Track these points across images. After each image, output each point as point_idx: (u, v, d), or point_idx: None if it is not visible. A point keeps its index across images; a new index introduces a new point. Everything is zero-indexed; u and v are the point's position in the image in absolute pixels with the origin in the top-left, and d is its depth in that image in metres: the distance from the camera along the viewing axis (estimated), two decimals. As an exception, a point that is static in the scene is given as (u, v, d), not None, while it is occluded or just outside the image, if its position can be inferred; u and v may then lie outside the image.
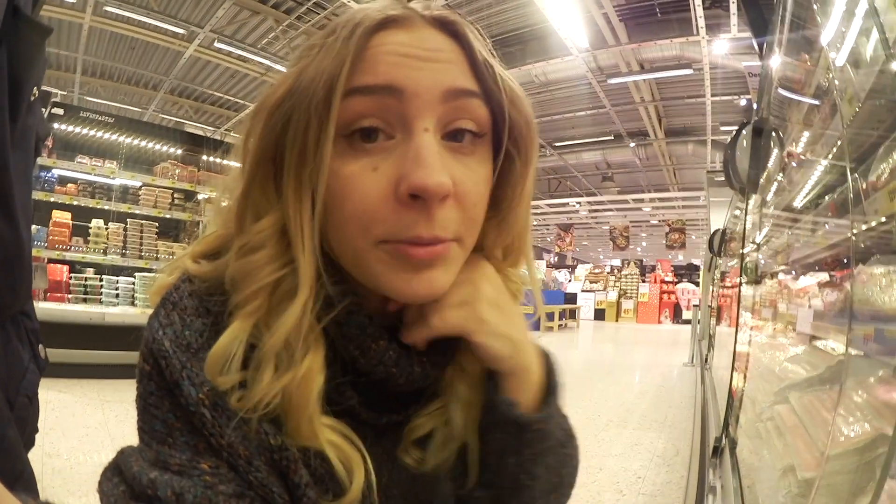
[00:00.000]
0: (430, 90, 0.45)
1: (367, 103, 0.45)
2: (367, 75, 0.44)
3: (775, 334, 2.41)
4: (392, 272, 0.46)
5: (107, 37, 10.52)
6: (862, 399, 1.15)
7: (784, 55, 2.00)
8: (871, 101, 1.16)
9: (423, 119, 0.45)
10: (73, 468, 2.81)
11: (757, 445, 1.94)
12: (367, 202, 0.45)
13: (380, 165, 0.45)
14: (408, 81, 0.44)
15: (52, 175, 5.36)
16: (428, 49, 0.46)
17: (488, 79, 0.49)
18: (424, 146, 0.44)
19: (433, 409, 0.55)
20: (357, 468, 0.47)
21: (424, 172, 0.43)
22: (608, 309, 21.73)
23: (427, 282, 0.47)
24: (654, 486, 3.25)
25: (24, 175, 0.86)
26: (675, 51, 9.68)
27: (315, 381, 0.46)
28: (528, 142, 0.52)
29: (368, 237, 0.46)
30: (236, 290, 0.47)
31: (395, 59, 0.45)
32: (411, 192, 0.43)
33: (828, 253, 1.75)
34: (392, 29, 0.46)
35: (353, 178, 0.45)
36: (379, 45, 0.45)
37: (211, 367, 0.44)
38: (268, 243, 0.47)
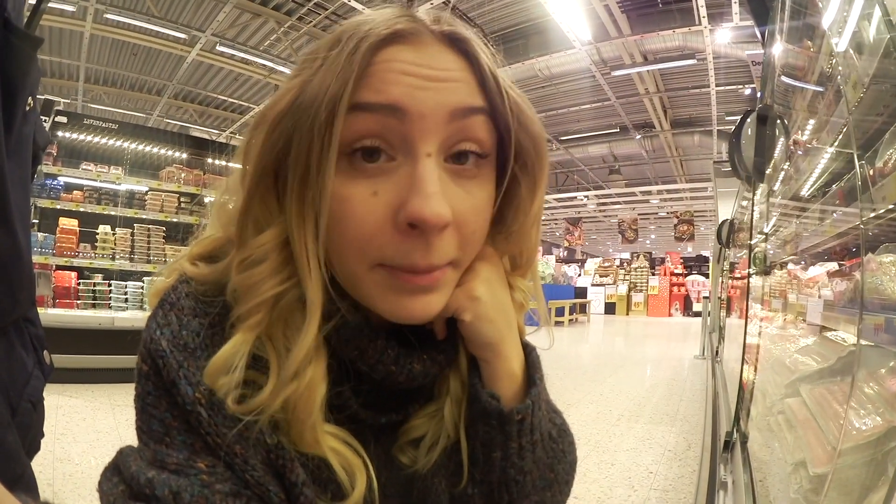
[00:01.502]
0: (435, 112, 0.44)
1: (369, 121, 0.44)
2: (371, 92, 0.44)
3: (785, 325, 2.39)
4: (387, 295, 0.47)
5: (108, 44, 10.62)
6: (873, 391, 1.13)
7: (786, 42, 1.97)
8: (876, 86, 1.14)
9: (426, 142, 0.44)
10: (83, 473, 2.83)
11: (768, 440, 1.92)
12: (365, 227, 0.44)
13: (379, 189, 0.44)
14: (412, 102, 0.44)
15: (57, 182, 5.38)
16: (435, 68, 0.45)
17: (496, 97, 0.48)
18: (426, 174, 0.44)
19: (431, 411, 0.55)
20: (359, 474, 0.48)
21: (423, 202, 0.43)
22: (618, 303, 21.69)
23: (422, 305, 0.47)
24: (666, 481, 3.23)
25: (20, 183, 0.87)
26: (678, 41, 9.65)
27: (318, 390, 0.46)
28: (535, 163, 0.52)
29: (365, 261, 0.45)
30: (238, 302, 0.47)
31: (400, 78, 0.44)
32: (410, 222, 0.43)
33: (836, 242, 1.73)
34: (399, 45, 0.45)
35: (352, 202, 0.44)
36: (384, 62, 0.44)
37: (211, 376, 0.44)
38: (269, 257, 0.47)
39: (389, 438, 0.55)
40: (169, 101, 13.38)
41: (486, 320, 0.51)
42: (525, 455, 0.52)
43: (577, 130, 15.04)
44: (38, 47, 0.84)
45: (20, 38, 0.79)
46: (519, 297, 0.57)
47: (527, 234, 0.55)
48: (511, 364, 0.53)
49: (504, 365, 0.53)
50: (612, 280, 22.63)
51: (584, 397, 5.52)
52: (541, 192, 0.53)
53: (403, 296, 0.46)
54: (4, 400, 0.83)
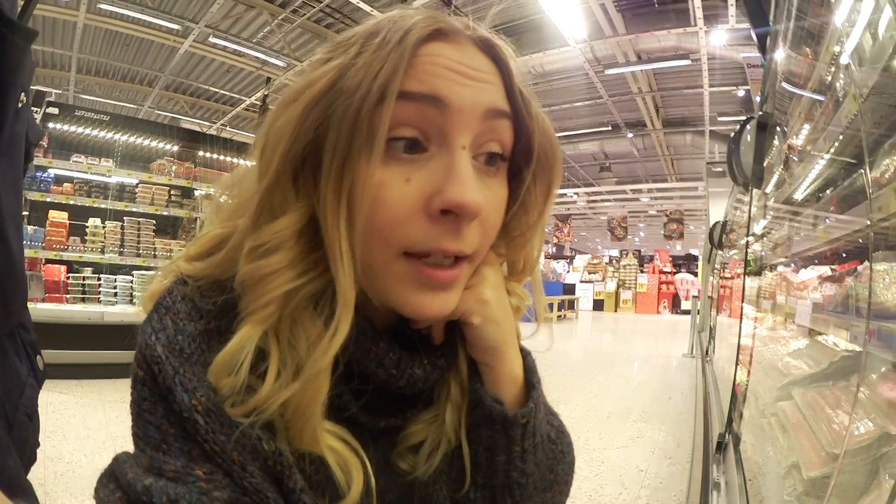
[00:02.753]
0: (472, 108, 0.46)
1: (410, 110, 0.45)
2: (415, 82, 0.45)
3: (778, 329, 2.41)
4: (408, 290, 0.47)
5: (101, 34, 10.49)
6: (866, 396, 1.15)
7: (788, 48, 1.98)
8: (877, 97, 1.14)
9: (461, 135, 0.46)
10: (75, 471, 2.80)
11: (761, 442, 1.94)
12: (396, 212, 0.45)
13: (412, 177, 0.45)
14: (453, 96, 0.45)
15: (48, 175, 5.31)
16: (473, 68, 0.47)
17: (520, 104, 0.50)
18: (463, 164, 0.45)
19: (429, 417, 0.56)
20: (356, 473, 0.47)
21: (463, 189, 0.44)
22: (607, 299, 21.79)
23: (441, 303, 0.48)
24: (656, 479, 3.26)
25: (12, 185, 0.84)
26: (673, 41, 9.65)
27: (323, 389, 0.45)
28: (552, 171, 0.54)
29: (391, 248, 0.46)
30: (247, 293, 0.46)
31: (443, 72, 0.45)
32: (446, 208, 0.44)
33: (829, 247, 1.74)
34: (441, 41, 0.47)
35: (385, 188, 0.44)
36: (428, 56, 0.46)
37: (217, 372, 0.44)
38: (284, 245, 0.46)
39: (388, 443, 0.55)
40: (161, 92, 13.24)
41: (494, 323, 0.52)
42: (527, 458, 0.53)
43: (570, 128, 15.04)
44: (32, 40, 0.81)
45: (13, 31, 0.75)
46: (515, 301, 0.58)
47: (530, 242, 0.56)
48: (513, 368, 0.55)
49: (507, 369, 0.54)
50: (601, 277, 22.71)
51: (574, 394, 5.55)
52: (550, 202, 0.55)
53: (424, 292, 0.47)
54: (1, 416, 0.81)
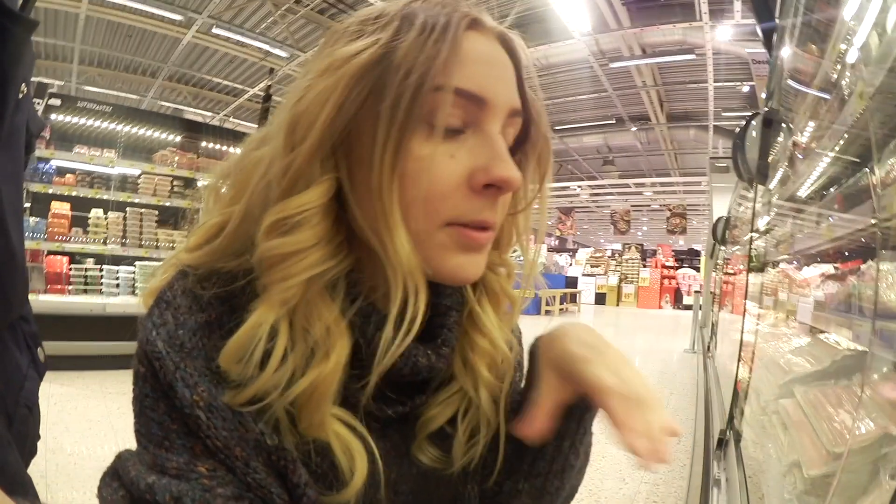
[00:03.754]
0: (504, 105, 0.49)
1: (456, 103, 0.46)
2: (463, 78, 0.46)
3: (781, 326, 2.40)
4: (449, 255, 0.48)
5: (103, 25, 10.46)
6: (868, 396, 1.14)
7: (795, 44, 1.97)
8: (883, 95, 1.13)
9: (495, 123, 0.48)
10: (77, 464, 2.81)
11: (762, 439, 1.94)
12: (442, 184, 0.46)
13: (456, 154, 0.47)
14: (491, 94, 0.47)
15: (50, 166, 5.30)
16: (501, 61, 0.50)
17: (528, 97, 0.52)
18: (502, 144, 0.48)
19: (446, 397, 0.55)
20: (359, 459, 0.47)
21: (507, 166, 0.47)
22: (609, 293, 21.78)
23: (475, 265, 0.50)
24: (656, 475, 3.26)
25: (13, 177, 0.84)
26: (678, 36, 9.62)
27: (338, 375, 0.46)
28: (546, 157, 0.56)
29: (436, 219, 0.47)
30: (266, 272, 0.45)
31: (484, 67, 0.48)
32: (491, 182, 0.46)
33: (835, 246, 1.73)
34: (476, 32, 0.49)
35: (431, 161, 0.46)
36: (471, 47, 0.47)
37: (231, 355, 0.43)
38: (311, 220, 0.45)
39: (398, 433, 0.55)
40: (163, 83, 13.23)
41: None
42: (585, 440, 0.57)
43: (573, 120, 15.00)
44: (32, 31, 0.79)
45: (14, 21, 0.74)
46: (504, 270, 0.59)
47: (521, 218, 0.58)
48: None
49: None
50: (603, 271, 22.72)
51: (576, 389, 5.54)
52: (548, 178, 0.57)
53: (461, 256, 0.49)
54: (1, 409, 0.81)
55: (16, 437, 0.83)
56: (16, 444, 0.83)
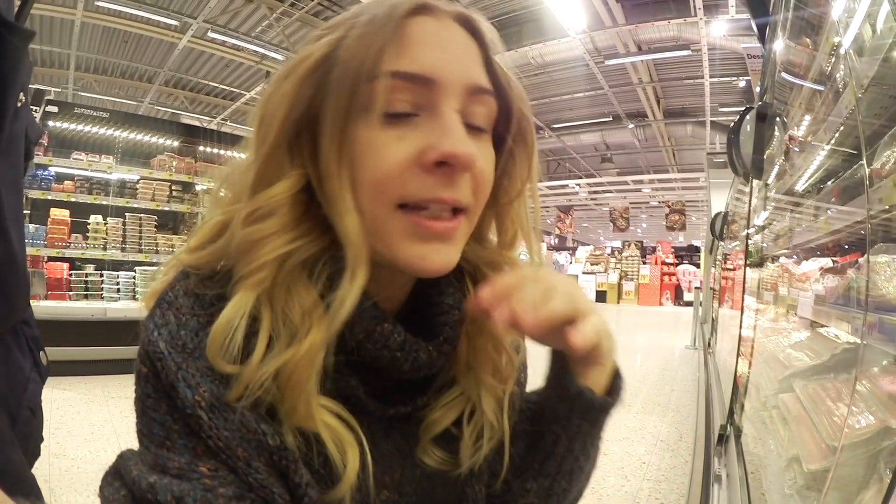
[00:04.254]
0: (458, 82, 0.48)
1: (403, 87, 0.46)
2: (407, 61, 0.46)
3: (780, 320, 2.40)
4: (409, 243, 0.48)
5: (99, 31, 10.46)
6: (867, 389, 1.15)
7: (786, 36, 1.97)
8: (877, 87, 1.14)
9: (449, 103, 0.48)
10: (79, 468, 2.81)
11: (762, 434, 1.94)
12: (389, 165, 0.46)
13: (405, 136, 0.47)
14: (441, 73, 0.47)
15: (48, 173, 5.30)
16: (455, 41, 0.49)
17: (499, 76, 0.52)
18: (454, 121, 0.47)
19: (449, 400, 0.55)
20: (350, 450, 0.47)
21: (455, 141, 0.46)
22: (609, 291, 21.70)
23: (442, 256, 0.49)
24: (658, 472, 3.26)
25: (13, 183, 0.85)
26: (673, 32, 9.62)
27: (316, 358, 0.45)
28: (530, 136, 0.56)
29: (387, 199, 0.47)
30: (241, 259, 0.47)
31: (431, 49, 0.47)
32: (440, 159, 0.46)
33: (830, 239, 1.74)
34: (425, 16, 0.48)
35: (378, 144, 0.46)
36: (416, 31, 0.47)
37: (213, 343, 0.44)
38: (280, 210, 0.47)
39: (402, 434, 0.55)
40: (160, 88, 13.22)
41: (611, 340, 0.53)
42: (596, 443, 0.57)
43: (570, 118, 14.99)
44: (29, 40, 0.81)
45: (10, 32, 0.75)
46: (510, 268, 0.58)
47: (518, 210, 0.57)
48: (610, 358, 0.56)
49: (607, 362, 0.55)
50: (603, 268, 22.63)
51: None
52: (534, 169, 0.56)
53: (424, 244, 0.48)
54: (4, 411, 0.81)
55: (19, 438, 0.84)
56: (19, 444, 0.84)
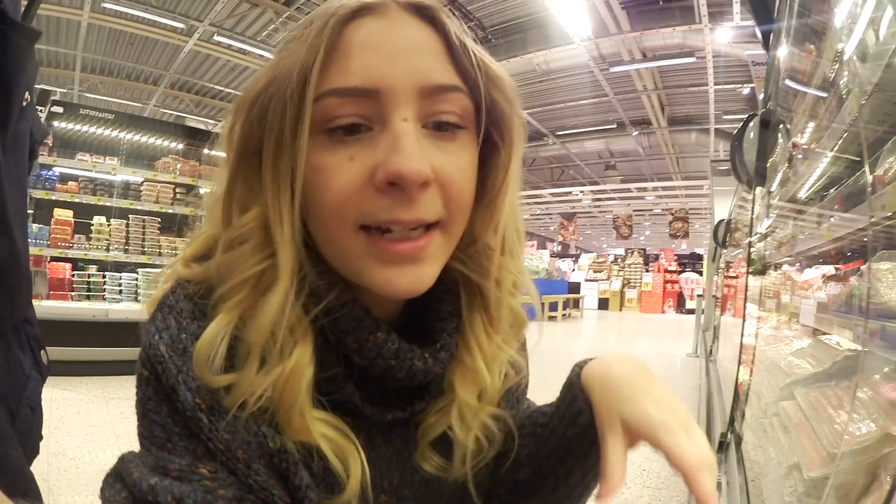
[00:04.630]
0: (406, 87, 0.45)
1: (344, 104, 0.44)
2: (342, 75, 0.44)
3: (782, 328, 2.39)
4: (373, 266, 0.46)
5: (105, 33, 10.52)
6: (868, 397, 1.14)
7: (791, 44, 1.97)
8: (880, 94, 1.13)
9: (400, 111, 0.45)
10: (78, 467, 2.81)
11: (762, 441, 1.93)
12: (342, 189, 0.44)
13: (356, 155, 0.45)
14: (382, 81, 0.44)
15: (52, 173, 5.31)
16: (403, 38, 0.45)
17: (467, 65, 0.48)
18: (402, 134, 0.44)
19: (444, 405, 0.55)
20: (353, 461, 0.47)
21: (401, 158, 0.43)
22: (612, 298, 21.69)
23: (410, 277, 0.47)
24: (658, 479, 3.24)
25: (17, 182, 0.85)
26: (678, 39, 9.63)
27: (304, 373, 0.45)
28: (510, 124, 0.52)
29: (345, 223, 0.45)
30: (221, 283, 0.47)
31: (368, 56, 0.44)
32: (388, 180, 0.43)
33: (833, 246, 1.73)
34: (367, 17, 0.45)
35: (330, 169, 0.45)
36: (351, 38, 0.45)
37: (198, 362, 0.44)
38: (252, 236, 0.47)
39: (400, 439, 0.55)
40: (165, 90, 13.28)
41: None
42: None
43: (574, 125, 15.01)
44: (35, 40, 0.81)
45: (16, 31, 0.76)
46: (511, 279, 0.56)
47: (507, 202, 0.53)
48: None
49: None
50: (606, 276, 22.62)
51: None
52: (517, 152, 0.53)
53: (389, 267, 0.46)
54: (4, 407, 0.81)
55: (18, 436, 0.84)
56: (18, 441, 0.84)
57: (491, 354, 0.55)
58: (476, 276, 0.54)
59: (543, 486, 0.56)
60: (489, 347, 0.55)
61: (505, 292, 0.55)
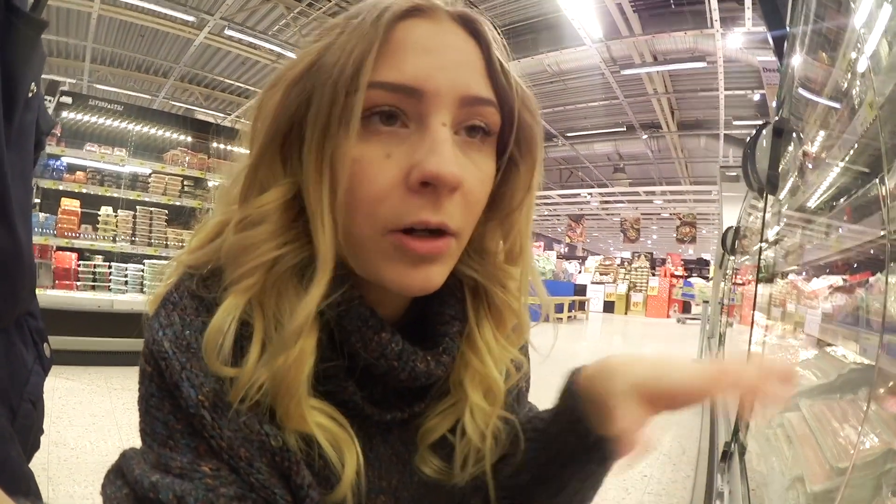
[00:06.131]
0: (449, 93, 0.45)
1: (387, 97, 0.45)
2: (392, 70, 0.44)
3: (788, 337, 2.37)
4: (391, 264, 0.46)
5: (116, 25, 10.57)
6: (873, 411, 1.13)
7: (805, 52, 1.95)
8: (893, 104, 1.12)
9: (439, 115, 0.45)
10: (79, 458, 2.82)
11: (766, 452, 1.91)
12: (377, 187, 0.44)
13: (393, 152, 0.45)
14: (428, 84, 0.44)
15: (60, 163, 5.35)
16: (450, 46, 0.46)
17: (502, 81, 0.49)
18: (441, 137, 0.44)
19: (444, 408, 0.55)
20: (347, 450, 0.47)
21: (440, 160, 0.43)
22: (617, 301, 21.67)
23: (424, 276, 0.47)
24: (659, 485, 3.24)
25: (21, 175, 0.84)
26: (689, 43, 9.62)
27: (306, 363, 0.45)
28: (534, 144, 0.53)
29: (376, 224, 0.45)
30: (232, 264, 0.47)
31: (420, 57, 0.45)
32: (423, 180, 0.43)
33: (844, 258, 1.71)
34: (417, 19, 0.46)
35: (365, 163, 0.44)
36: (404, 36, 0.45)
37: (207, 349, 0.44)
38: (270, 217, 0.47)
39: (400, 440, 0.54)
40: (175, 83, 13.34)
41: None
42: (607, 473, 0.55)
43: (584, 127, 15.01)
44: (42, 31, 0.81)
45: (23, 21, 0.75)
46: (513, 286, 0.56)
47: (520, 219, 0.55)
48: None
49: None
50: (612, 279, 22.60)
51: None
52: (537, 175, 0.54)
53: (407, 266, 0.46)
54: (5, 404, 0.81)
55: (19, 432, 0.84)
56: (19, 438, 0.84)
57: (498, 356, 0.55)
58: (483, 280, 0.54)
59: (542, 492, 0.56)
60: (496, 349, 0.55)
61: (511, 297, 0.56)
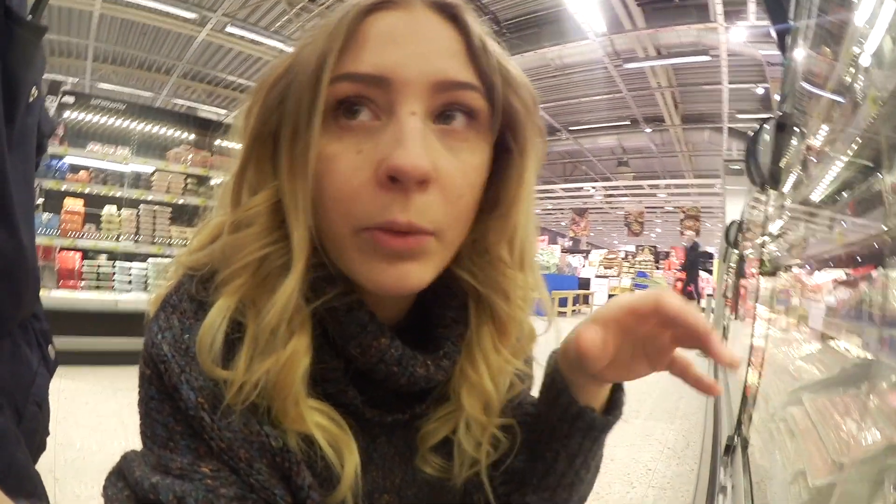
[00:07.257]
0: (419, 80, 0.44)
1: (351, 88, 0.44)
2: (354, 62, 0.44)
3: (791, 331, 2.37)
4: (367, 261, 0.45)
5: (117, 23, 10.53)
6: (875, 405, 1.12)
7: (809, 46, 1.94)
8: None
9: (409, 104, 0.44)
10: (85, 458, 2.83)
11: (769, 446, 1.91)
12: (348, 184, 0.44)
13: (364, 148, 0.44)
14: (395, 71, 0.44)
15: (63, 163, 5.34)
16: (422, 33, 0.45)
17: (486, 66, 0.47)
18: (408, 128, 0.43)
19: (443, 414, 0.55)
20: (347, 450, 0.47)
21: (402, 153, 0.42)
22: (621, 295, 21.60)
23: (399, 273, 0.45)
24: (664, 479, 3.24)
25: (24, 178, 0.84)
26: (693, 37, 9.58)
27: (300, 364, 0.45)
28: (525, 129, 0.51)
29: (348, 223, 0.45)
30: (224, 265, 0.48)
31: (383, 46, 0.44)
32: (389, 174, 0.42)
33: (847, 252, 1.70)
34: (388, 10, 0.46)
35: (337, 159, 0.44)
36: (370, 29, 0.45)
37: (200, 350, 0.44)
38: (259, 219, 0.47)
39: (402, 440, 0.55)
40: (178, 80, 13.32)
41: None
42: (599, 453, 0.57)
43: (588, 121, 14.96)
44: (42, 36, 0.81)
45: (23, 27, 0.75)
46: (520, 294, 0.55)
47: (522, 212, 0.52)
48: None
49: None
50: (616, 272, 22.54)
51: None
52: (531, 161, 0.52)
53: (381, 262, 0.45)
54: (10, 406, 0.81)
55: (25, 434, 0.84)
56: (25, 440, 0.84)
57: (498, 368, 0.54)
58: (484, 289, 0.53)
59: (533, 472, 0.56)
60: (497, 361, 0.54)
61: (514, 306, 0.54)
